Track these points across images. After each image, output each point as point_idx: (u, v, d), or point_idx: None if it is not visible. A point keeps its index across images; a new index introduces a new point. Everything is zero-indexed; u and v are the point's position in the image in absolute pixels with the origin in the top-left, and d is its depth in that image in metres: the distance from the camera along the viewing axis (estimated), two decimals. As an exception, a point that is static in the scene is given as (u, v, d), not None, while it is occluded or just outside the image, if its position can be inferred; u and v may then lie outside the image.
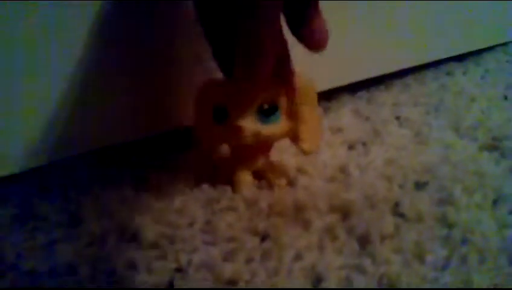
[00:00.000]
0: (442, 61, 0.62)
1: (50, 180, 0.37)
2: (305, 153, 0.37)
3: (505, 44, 0.69)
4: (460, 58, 0.64)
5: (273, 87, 0.35)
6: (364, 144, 0.44)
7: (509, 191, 0.36)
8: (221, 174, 0.38)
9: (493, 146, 0.43)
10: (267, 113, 0.35)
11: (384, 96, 0.54)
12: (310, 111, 0.36)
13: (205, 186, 0.37)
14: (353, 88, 0.54)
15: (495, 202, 0.35)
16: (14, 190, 0.36)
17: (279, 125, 0.35)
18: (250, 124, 0.34)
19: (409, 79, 0.58)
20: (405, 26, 0.54)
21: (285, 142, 0.38)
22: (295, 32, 0.33)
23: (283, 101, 0.35)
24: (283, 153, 0.40)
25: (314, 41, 0.33)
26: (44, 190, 0.37)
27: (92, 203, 0.35)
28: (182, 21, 0.37)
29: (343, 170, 0.40)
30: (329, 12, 0.33)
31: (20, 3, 0.31)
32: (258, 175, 0.38)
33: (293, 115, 0.36)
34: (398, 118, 0.49)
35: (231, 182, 0.37)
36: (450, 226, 0.33)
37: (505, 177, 0.38)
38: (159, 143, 0.41)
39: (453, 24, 0.59)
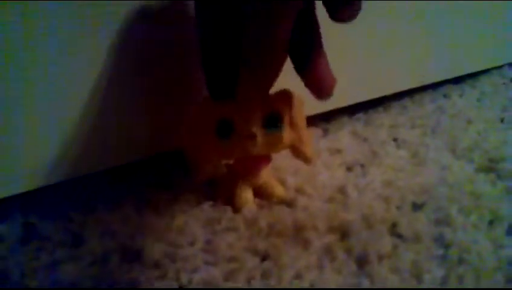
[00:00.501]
0: (439, 83, 0.63)
1: (53, 200, 0.38)
2: (307, 160, 0.37)
3: (500, 67, 0.70)
4: (456, 80, 0.64)
5: (274, 98, 0.35)
6: (362, 165, 0.45)
7: (505, 212, 0.37)
8: (221, 192, 0.39)
9: (489, 168, 0.44)
10: (273, 124, 0.35)
11: (382, 118, 0.54)
12: (302, 119, 0.37)
13: (206, 206, 0.37)
14: (351, 110, 0.54)
15: (491, 223, 0.36)
16: (18, 209, 0.36)
17: (284, 135, 0.36)
18: (260, 133, 0.34)
19: (407, 101, 0.59)
20: (402, 49, 0.55)
21: (284, 162, 0.38)
22: (300, 73, 0.33)
23: (285, 112, 0.36)
24: (282, 173, 0.41)
25: (317, 90, 0.33)
26: (48, 210, 0.37)
27: (94, 223, 0.36)
28: (190, 44, 0.38)
29: (341, 191, 0.40)
30: (328, 35, 0.34)
31: (38, 23, 0.32)
32: (258, 193, 0.39)
33: (293, 125, 0.36)
34: (395, 139, 0.50)
35: (231, 200, 0.38)
36: (447, 246, 0.33)
37: (501, 199, 0.39)
38: (159, 163, 0.42)
39: (450, 47, 0.60)
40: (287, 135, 0.36)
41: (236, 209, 0.38)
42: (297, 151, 0.37)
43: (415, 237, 0.34)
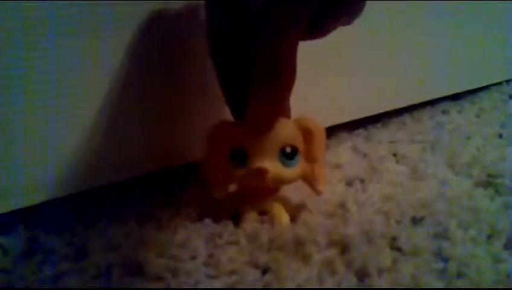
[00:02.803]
0: (438, 100, 0.64)
1: (57, 214, 0.38)
2: (318, 193, 0.38)
3: (499, 83, 0.71)
4: (455, 97, 0.65)
5: (292, 129, 0.36)
6: (362, 180, 0.45)
7: (503, 227, 0.37)
8: (226, 209, 0.39)
9: (488, 183, 0.44)
10: (289, 156, 0.36)
11: (382, 134, 0.55)
12: (321, 152, 0.37)
13: (207, 220, 0.38)
14: (351, 126, 0.55)
15: (489, 237, 0.36)
16: (22, 223, 0.37)
17: (298, 167, 0.36)
18: (272, 167, 0.35)
19: (406, 117, 0.60)
20: (402, 66, 0.56)
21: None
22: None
23: (301, 143, 0.36)
24: (283, 189, 0.41)
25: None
26: (51, 224, 0.37)
27: (97, 237, 0.36)
28: (193, 62, 0.38)
29: (341, 205, 0.40)
30: (328, 52, 0.34)
31: (55, 37, 0.33)
32: (263, 212, 0.39)
33: (309, 157, 0.37)
34: (395, 155, 0.50)
35: (236, 217, 0.38)
36: (446, 260, 0.33)
37: (500, 213, 0.39)
38: (161, 178, 0.42)
39: (449, 64, 0.61)
40: (300, 167, 0.36)
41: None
42: (308, 183, 0.38)
43: (414, 251, 0.34)
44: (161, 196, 0.42)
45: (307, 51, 0.32)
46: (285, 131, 0.35)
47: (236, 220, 0.38)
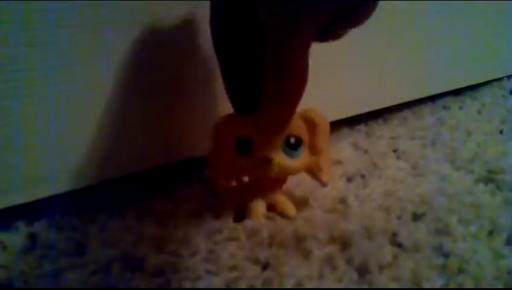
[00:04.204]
0: (439, 95, 0.64)
1: (57, 209, 0.38)
2: (324, 185, 0.38)
3: (500, 79, 0.71)
4: (456, 92, 0.65)
5: (297, 120, 0.36)
6: (363, 176, 0.45)
7: (504, 222, 0.37)
8: (230, 204, 0.39)
9: (489, 178, 0.44)
10: (293, 147, 0.36)
11: (382, 130, 0.55)
12: (326, 144, 0.37)
13: (208, 216, 0.38)
14: (352, 122, 0.55)
15: (490, 233, 0.36)
16: (21, 219, 0.37)
17: (302, 158, 0.36)
18: (277, 157, 0.35)
19: (407, 113, 0.60)
20: (402, 62, 0.55)
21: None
22: None
23: (305, 135, 0.36)
24: (284, 185, 0.41)
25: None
26: (51, 219, 0.37)
27: (97, 233, 0.36)
28: (194, 56, 0.38)
29: (342, 201, 0.40)
30: (329, 48, 0.34)
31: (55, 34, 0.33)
32: (270, 208, 0.39)
33: (313, 149, 0.37)
34: (395, 150, 0.50)
35: (243, 212, 0.38)
36: (447, 255, 0.33)
37: (500, 209, 0.39)
38: (162, 174, 0.42)
39: (450, 59, 0.60)
40: (304, 159, 0.36)
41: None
42: (312, 175, 0.37)
43: (415, 246, 0.34)
44: (161, 191, 0.42)
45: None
46: (291, 121, 0.35)
47: (240, 215, 0.38)
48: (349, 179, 0.45)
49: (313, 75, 0.35)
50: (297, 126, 0.36)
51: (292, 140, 0.36)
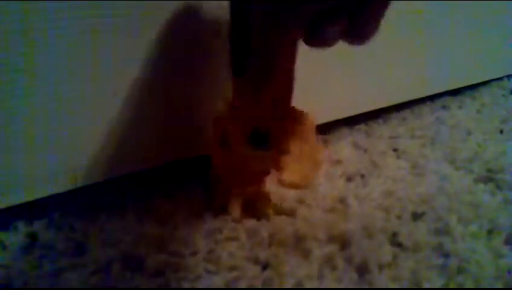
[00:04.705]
0: (439, 95, 0.63)
1: (56, 209, 0.38)
2: (284, 185, 0.35)
3: (499, 79, 0.71)
4: (456, 92, 0.65)
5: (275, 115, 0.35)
6: (362, 175, 0.45)
7: (503, 222, 0.37)
8: (217, 200, 0.39)
9: (488, 178, 0.44)
10: (258, 142, 0.35)
11: (382, 129, 0.55)
12: (300, 143, 0.37)
13: (208, 216, 0.38)
14: (352, 121, 0.55)
15: (490, 232, 0.36)
16: (21, 218, 0.37)
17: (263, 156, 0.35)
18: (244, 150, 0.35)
19: (406, 112, 0.60)
20: (402, 62, 0.55)
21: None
22: None
23: (278, 132, 0.35)
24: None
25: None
26: (51, 219, 0.37)
27: (97, 232, 0.36)
28: (199, 57, 0.38)
29: (342, 201, 0.40)
30: (329, 49, 0.34)
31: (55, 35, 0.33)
32: (247, 204, 0.39)
33: (282, 148, 0.36)
34: (395, 150, 0.50)
35: (222, 208, 0.38)
36: (447, 255, 0.33)
37: (500, 208, 0.39)
38: (162, 173, 0.42)
39: (449, 59, 0.60)
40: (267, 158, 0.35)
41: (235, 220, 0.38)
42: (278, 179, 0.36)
43: (415, 246, 0.34)
44: (161, 191, 0.42)
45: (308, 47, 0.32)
46: (264, 116, 0.34)
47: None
48: (349, 179, 0.45)
49: (313, 75, 0.36)
50: (271, 122, 0.35)
51: (258, 134, 0.34)
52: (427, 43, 0.57)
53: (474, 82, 0.67)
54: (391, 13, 0.30)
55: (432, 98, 0.63)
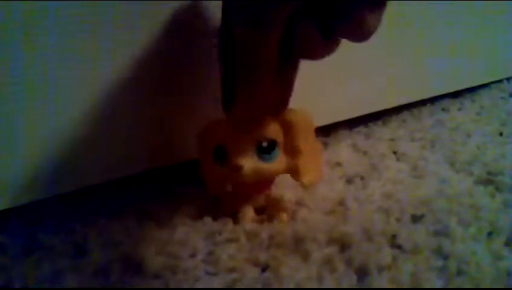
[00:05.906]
0: (438, 97, 0.63)
1: (56, 211, 0.38)
2: (304, 186, 0.38)
3: (499, 81, 0.71)
4: (455, 94, 0.65)
5: (270, 123, 0.35)
6: (362, 178, 0.45)
7: (503, 224, 0.37)
8: (224, 207, 0.39)
9: (488, 180, 0.44)
10: (266, 151, 0.35)
11: (382, 132, 0.55)
12: (307, 143, 0.37)
13: (207, 218, 0.38)
14: (351, 123, 0.55)
15: (490, 235, 0.36)
16: (20, 220, 0.37)
17: (278, 161, 0.36)
18: (249, 163, 0.35)
19: (406, 115, 0.60)
20: (402, 64, 0.55)
21: (284, 177, 0.38)
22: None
23: (280, 137, 0.36)
24: (282, 188, 0.41)
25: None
26: (50, 221, 0.37)
27: (96, 235, 0.36)
28: (191, 57, 0.38)
29: (341, 203, 0.40)
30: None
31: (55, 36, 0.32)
32: (260, 210, 0.39)
33: (291, 150, 0.36)
34: (395, 152, 0.50)
35: (234, 215, 0.38)
36: (446, 257, 0.33)
37: (500, 211, 0.39)
38: (161, 175, 0.42)
39: (449, 61, 0.60)
40: (281, 161, 0.36)
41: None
42: (293, 176, 0.37)
43: (414, 248, 0.34)
44: (160, 193, 0.42)
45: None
46: (261, 126, 0.35)
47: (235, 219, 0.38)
48: (349, 181, 0.45)
49: (312, 77, 0.36)
50: (268, 129, 0.35)
51: (264, 144, 0.35)
52: (426, 46, 0.57)
53: (473, 84, 0.68)
54: (391, 15, 0.30)
55: (432, 100, 0.63)
